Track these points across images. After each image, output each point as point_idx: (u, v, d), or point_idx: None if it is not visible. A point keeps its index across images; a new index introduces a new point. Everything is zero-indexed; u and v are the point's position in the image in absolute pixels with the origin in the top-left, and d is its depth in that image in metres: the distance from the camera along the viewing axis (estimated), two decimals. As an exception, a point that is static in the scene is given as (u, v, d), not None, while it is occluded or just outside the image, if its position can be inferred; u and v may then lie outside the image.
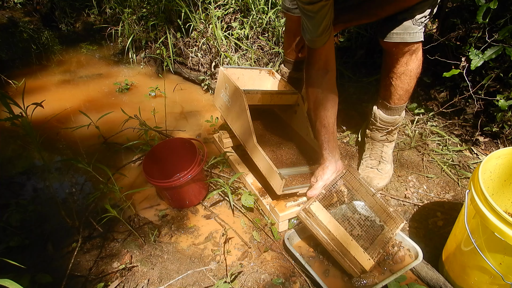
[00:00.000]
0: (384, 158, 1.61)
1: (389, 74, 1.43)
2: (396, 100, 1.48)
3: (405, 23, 1.24)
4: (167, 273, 1.26)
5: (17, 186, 1.69)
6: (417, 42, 1.30)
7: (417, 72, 1.39)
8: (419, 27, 1.26)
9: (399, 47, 1.31)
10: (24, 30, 3.33)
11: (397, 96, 1.46)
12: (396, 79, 1.41)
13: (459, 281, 1.14)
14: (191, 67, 2.69)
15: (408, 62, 1.35)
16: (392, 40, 1.29)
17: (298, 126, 1.72)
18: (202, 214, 1.52)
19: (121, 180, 1.68)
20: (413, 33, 1.26)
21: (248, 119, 1.47)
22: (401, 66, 1.36)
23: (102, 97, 2.47)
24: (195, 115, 2.25)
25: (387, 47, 1.35)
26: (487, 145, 1.76)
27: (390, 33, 1.28)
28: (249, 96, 1.55)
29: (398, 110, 1.52)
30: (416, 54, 1.34)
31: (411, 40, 1.27)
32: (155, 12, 2.86)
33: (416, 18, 1.24)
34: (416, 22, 1.25)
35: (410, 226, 1.44)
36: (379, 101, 1.56)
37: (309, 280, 1.21)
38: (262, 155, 1.40)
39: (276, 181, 1.34)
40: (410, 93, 1.46)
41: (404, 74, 1.38)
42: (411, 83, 1.41)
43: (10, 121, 1.14)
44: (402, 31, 1.26)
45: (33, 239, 1.40)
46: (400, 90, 1.43)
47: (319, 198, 1.22)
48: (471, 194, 0.99)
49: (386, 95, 1.50)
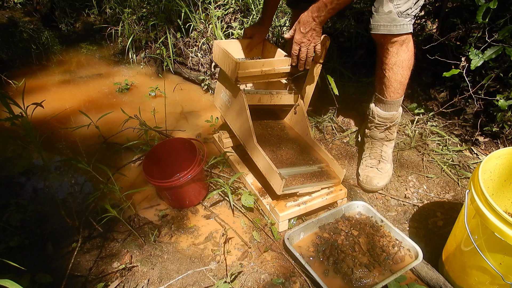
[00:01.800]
0: (384, 157, 1.61)
1: (381, 66, 1.46)
2: (392, 93, 1.49)
3: (391, 15, 1.29)
4: (167, 273, 1.26)
5: (17, 186, 1.70)
6: (405, 34, 1.33)
7: (409, 63, 1.42)
8: (406, 19, 1.30)
9: (387, 38, 1.35)
10: (24, 30, 3.33)
11: (392, 89, 1.48)
12: (388, 71, 1.43)
13: (459, 281, 1.14)
14: (191, 67, 2.69)
15: (399, 52, 1.38)
16: (379, 32, 1.33)
17: (298, 126, 1.72)
18: (202, 214, 1.52)
19: (121, 180, 1.68)
20: (400, 25, 1.30)
21: (248, 119, 1.47)
22: (392, 57, 1.39)
23: (102, 97, 2.47)
24: (195, 115, 2.26)
25: (377, 39, 1.39)
26: (487, 145, 1.76)
27: (377, 25, 1.33)
28: (249, 96, 1.55)
29: (394, 104, 1.53)
30: (406, 45, 1.37)
31: (398, 32, 1.31)
32: (155, 12, 2.86)
33: (400, 10, 1.28)
34: (402, 14, 1.28)
35: (410, 226, 1.44)
36: (375, 97, 1.58)
37: (309, 280, 1.21)
38: (262, 155, 1.40)
39: (276, 181, 1.34)
40: (404, 86, 1.48)
41: (396, 65, 1.41)
42: (404, 74, 1.43)
43: (10, 121, 1.14)
44: (389, 23, 1.30)
45: (33, 239, 1.40)
46: (394, 82, 1.45)
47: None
48: (471, 194, 0.99)
49: (381, 88, 1.52)
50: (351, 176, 1.69)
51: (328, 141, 1.90)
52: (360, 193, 1.58)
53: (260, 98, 1.59)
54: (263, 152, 1.41)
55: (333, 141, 1.90)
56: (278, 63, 1.52)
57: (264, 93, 1.59)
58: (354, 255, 1.26)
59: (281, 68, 1.54)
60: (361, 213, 1.45)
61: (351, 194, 1.55)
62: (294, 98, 1.68)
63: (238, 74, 1.44)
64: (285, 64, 1.54)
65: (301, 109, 1.67)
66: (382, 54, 1.42)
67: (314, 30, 1.34)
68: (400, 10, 1.28)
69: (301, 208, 1.40)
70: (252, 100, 1.57)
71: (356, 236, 1.33)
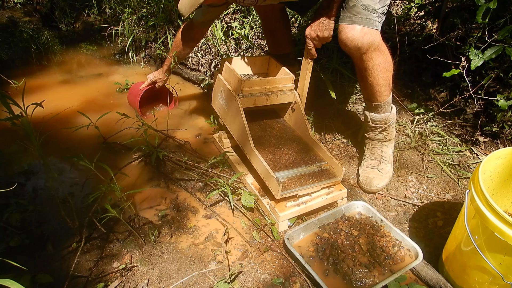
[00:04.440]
0: (384, 158, 1.61)
1: (360, 74, 1.48)
2: (378, 97, 1.50)
3: (355, 9, 1.31)
4: (167, 273, 1.26)
5: (17, 186, 1.69)
6: (371, 29, 1.33)
7: (386, 65, 1.42)
8: (373, 14, 1.31)
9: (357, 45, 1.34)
10: (24, 30, 3.33)
11: (377, 93, 1.49)
12: (368, 77, 1.45)
13: (459, 281, 1.14)
14: (191, 67, 2.69)
15: (373, 57, 1.39)
16: (344, 23, 1.34)
17: (297, 123, 1.71)
18: (202, 214, 1.52)
19: (121, 180, 1.68)
20: (365, 18, 1.31)
21: (244, 123, 1.48)
22: (369, 63, 1.40)
23: (102, 97, 2.47)
24: (195, 115, 2.26)
25: (347, 50, 1.40)
26: (487, 145, 1.76)
27: (344, 17, 1.35)
28: (244, 100, 1.55)
29: (384, 106, 1.54)
30: (379, 49, 1.38)
31: (362, 24, 1.32)
32: (155, 12, 2.87)
33: (364, 3, 1.30)
34: (367, 8, 1.30)
35: (410, 226, 1.44)
36: (365, 104, 1.60)
37: (309, 280, 1.21)
38: (259, 159, 1.41)
39: (274, 186, 1.34)
40: (389, 87, 1.49)
41: (374, 69, 1.42)
42: (384, 76, 1.44)
43: (10, 121, 1.14)
44: (354, 15, 1.32)
45: (33, 239, 1.40)
46: (377, 86, 1.46)
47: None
48: (471, 194, 0.99)
49: (368, 95, 1.54)
50: (351, 176, 1.69)
51: (328, 141, 1.90)
52: (360, 193, 1.58)
53: (256, 100, 1.59)
54: (260, 156, 1.41)
55: (333, 141, 1.90)
56: (281, 81, 1.60)
57: (258, 95, 1.59)
58: (354, 255, 1.26)
59: (284, 86, 1.62)
60: (361, 213, 1.45)
61: (351, 194, 1.55)
62: (290, 96, 1.67)
63: (243, 92, 1.54)
64: (288, 82, 1.61)
65: (298, 107, 1.66)
66: (359, 63, 1.43)
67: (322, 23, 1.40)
68: (363, 3, 1.29)
69: (301, 208, 1.40)
70: (248, 103, 1.57)
71: (356, 236, 1.33)
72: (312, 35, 1.44)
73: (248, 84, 1.54)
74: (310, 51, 1.50)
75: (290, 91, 1.66)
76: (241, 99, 1.54)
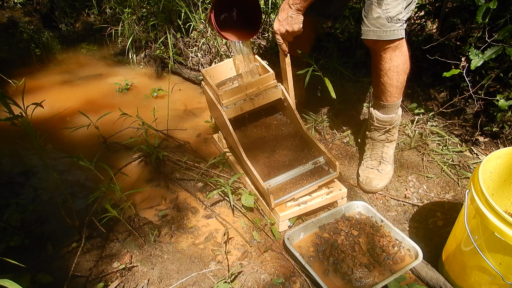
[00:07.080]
0: (385, 158, 1.61)
1: (376, 72, 1.45)
2: (388, 98, 1.49)
3: (380, 21, 1.27)
4: (167, 273, 1.26)
5: (17, 186, 1.69)
6: (396, 40, 1.31)
7: (404, 67, 1.41)
8: (396, 24, 1.27)
9: (378, 44, 1.33)
10: (24, 30, 3.33)
11: (388, 93, 1.47)
12: (383, 76, 1.43)
13: (459, 281, 1.14)
14: (191, 67, 2.69)
15: (392, 58, 1.37)
16: (369, 38, 1.32)
17: (291, 118, 1.69)
18: (202, 214, 1.52)
19: (121, 180, 1.68)
20: (390, 31, 1.28)
21: (233, 135, 1.48)
22: (386, 63, 1.38)
23: (102, 97, 2.47)
24: (195, 115, 2.25)
25: (369, 45, 1.38)
26: (487, 145, 1.76)
27: (367, 31, 1.31)
28: (229, 111, 1.53)
29: (392, 108, 1.53)
30: (400, 50, 1.36)
31: (388, 37, 1.29)
32: (155, 12, 2.86)
33: (390, 15, 1.26)
34: (392, 19, 1.26)
35: (410, 226, 1.44)
36: (373, 101, 1.58)
37: (309, 280, 1.21)
38: (252, 170, 1.41)
39: (267, 196, 1.36)
40: (401, 90, 1.48)
41: (391, 70, 1.40)
42: (399, 79, 1.43)
43: (10, 121, 1.13)
44: (378, 28, 1.29)
45: (33, 239, 1.40)
46: (390, 86, 1.45)
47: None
48: (471, 194, 0.99)
49: (378, 93, 1.52)
50: (351, 176, 1.69)
51: (328, 141, 1.90)
52: (360, 193, 1.58)
53: (242, 107, 1.56)
54: (252, 167, 1.41)
55: (333, 141, 1.90)
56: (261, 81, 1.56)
57: (242, 102, 1.55)
58: (354, 255, 1.26)
59: (266, 85, 1.57)
60: (361, 213, 1.45)
61: (351, 194, 1.55)
62: (278, 92, 1.64)
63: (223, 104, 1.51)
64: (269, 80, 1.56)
65: (288, 101, 1.64)
66: (376, 60, 1.41)
67: (290, 17, 1.33)
68: (389, 15, 1.26)
69: (301, 208, 1.40)
70: (234, 112, 1.55)
71: (356, 236, 1.33)
72: (281, 31, 1.38)
73: (226, 96, 1.51)
74: (280, 46, 1.45)
75: (275, 87, 1.61)
76: (226, 111, 1.52)
